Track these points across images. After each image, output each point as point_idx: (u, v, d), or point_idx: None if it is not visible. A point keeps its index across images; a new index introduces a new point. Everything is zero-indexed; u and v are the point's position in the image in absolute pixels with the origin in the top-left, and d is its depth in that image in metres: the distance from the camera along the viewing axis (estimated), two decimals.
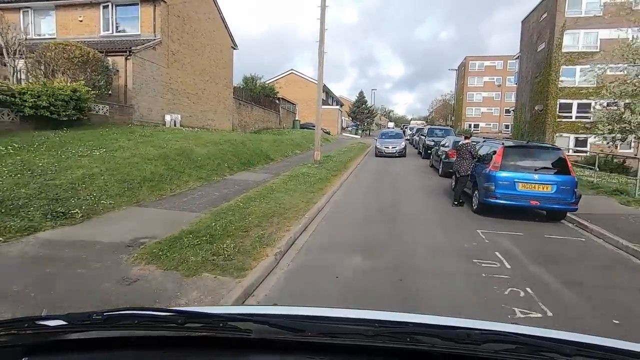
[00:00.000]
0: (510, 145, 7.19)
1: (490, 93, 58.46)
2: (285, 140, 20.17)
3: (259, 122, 25.79)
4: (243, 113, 23.17)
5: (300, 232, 6.11)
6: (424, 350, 0.89)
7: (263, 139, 17.43)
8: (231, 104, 20.99)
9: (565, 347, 0.87)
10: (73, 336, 0.96)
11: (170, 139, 10.78)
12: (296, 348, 0.94)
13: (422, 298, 3.86)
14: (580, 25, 27.05)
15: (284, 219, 6.46)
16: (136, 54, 12.99)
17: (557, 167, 6.70)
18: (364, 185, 11.14)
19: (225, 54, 19.95)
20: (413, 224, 6.80)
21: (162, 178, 8.20)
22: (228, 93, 20.60)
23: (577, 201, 6.61)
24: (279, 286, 4.10)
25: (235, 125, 21.71)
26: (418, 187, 10.99)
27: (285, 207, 7.29)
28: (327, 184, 10.43)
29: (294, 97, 37.43)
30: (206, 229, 5.45)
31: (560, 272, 4.57)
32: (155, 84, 14.21)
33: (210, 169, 10.21)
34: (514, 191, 6.71)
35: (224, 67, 19.83)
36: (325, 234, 6.15)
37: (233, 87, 22.12)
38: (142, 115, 13.58)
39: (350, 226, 6.66)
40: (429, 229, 6.55)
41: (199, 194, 8.02)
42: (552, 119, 27.88)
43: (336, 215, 7.43)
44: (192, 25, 16.46)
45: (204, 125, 17.96)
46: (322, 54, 13.47)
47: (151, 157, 8.75)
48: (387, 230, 6.36)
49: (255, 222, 6.08)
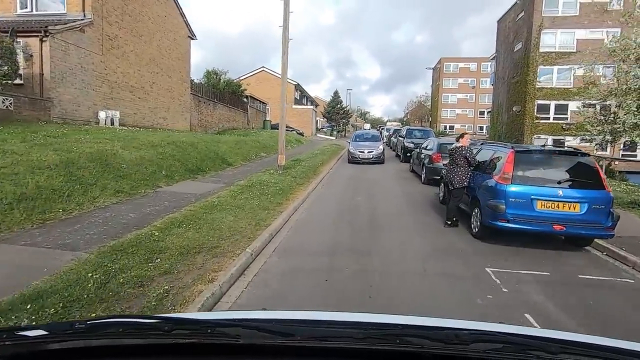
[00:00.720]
0: (523, 150, 5.44)
1: (465, 95, 58.48)
2: (249, 141, 18.00)
3: (224, 121, 23.43)
4: (204, 112, 20.77)
5: (234, 281, 4.10)
6: (414, 352, 0.90)
7: (222, 141, 15.20)
8: (188, 100, 18.59)
9: (551, 345, 0.88)
10: (55, 346, 0.91)
11: (88, 141, 8.44)
12: (286, 353, 0.94)
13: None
14: (557, 25, 26.48)
15: (213, 257, 4.43)
16: (55, 36, 10.50)
17: (586, 178, 5.03)
18: (334, 197, 9.23)
19: (180, 44, 17.55)
20: (398, 262, 4.92)
21: (55, 194, 5.93)
22: (184, 88, 18.20)
23: (614, 225, 4.95)
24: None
25: (194, 125, 19.31)
26: (400, 198, 9.19)
27: (222, 235, 5.24)
28: (290, 195, 8.44)
29: (266, 96, 35.17)
30: (69, 287, 3.34)
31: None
32: (85, 73, 11.72)
33: (139, 178, 7.98)
34: (531, 212, 4.97)
35: (178, 58, 17.43)
36: (272, 281, 4.16)
37: (192, 81, 19.72)
38: (66, 111, 11.08)
39: (311, 265, 4.70)
40: (421, 266, 4.68)
41: (106, 216, 5.82)
42: (530, 120, 27.16)
43: (294, 244, 5.46)
44: (136, 7, 14.04)
45: (154, 125, 15.52)
46: (286, 41, 11.48)
47: (46, 165, 6.44)
48: (361, 274, 4.44)
49: (164, 267, 4.01)
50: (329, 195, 9.45)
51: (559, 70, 26.65)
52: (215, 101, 22.24)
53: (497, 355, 0.88)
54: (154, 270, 3.90)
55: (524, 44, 27.84)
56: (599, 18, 25.46)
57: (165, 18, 16.17)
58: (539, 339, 0.97)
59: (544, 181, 5.06)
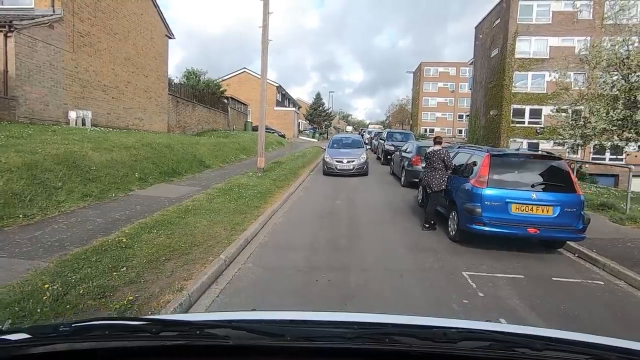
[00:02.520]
0: (498, 153, 5.50)
1: (445, 98, 59.64)
2: (229, 143, 17.69)
3: (203, 123, 22.96)
4: (182, 113, 20.29)
5: (206, 288, 3.93)
6: (403, 351, 0.90)
7: (201, 142, 14.86)
8: (166, 101, 18.11)
9: (536, 342, 0.90)
10: (38, 350, 0.89)
11: (56, 142, 8.03)
12: (276, 353, 0.93)
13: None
14: (532, 33, 27.36)
15: (183, 264, 4.24)
16: (21, 31, 9.98)
17: (559, 182, 5.11)
18: (315, 199, 9.13)
19: (157, 43, 17.09)
20: (374, 266, 4.86)
21: (16, 198, 5.58)
22: (162, 88, 17.72)
23: (585, 228, 5.05)
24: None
25: (172, 127, 18.83)
26: (379, 201, 9.18)
27: (195, 240, 5.05)
28: (269, 199, 8.28)
29: (247, 98, 34.78)
30: (25, 299, 3.09)
31: None
32: (54, 71, 11.20)
33: (110, 181, 7.65)
34: (506, 215, 5.01)
35: (155, 57, 16.96)
36: (245, 290, 4.00)
37: (170, 82, 19.23)
38: (33, 110, 10.54)
39: (286, 268, 4.57)
40: (397, 270, 4.63)
41: (71, 221, 5.51)
42: (506, 124, 27.91)
43: (271, 250, 5.31)
44: (110, 4, 13.55)
45: (129, 126, 15.02)
46: (266, 41, 11.33)
47: (6, 167, 6.05)
48: (339, 276, 4.35)
49: (130, 276, 3.79)
50: (309, 197, 9.34)
51: (533, 76, 27.52)
52: (195, 102, 21.77)
53: (484, 353, 0.89)
54: (118, 280, 3.69)
55: (500, 50, 28.63)
56: (570, 27, 26.48)
57: (142, 16, 15.70)
58: (525, 336, 0.99)
59: (519, 185, 5.13)
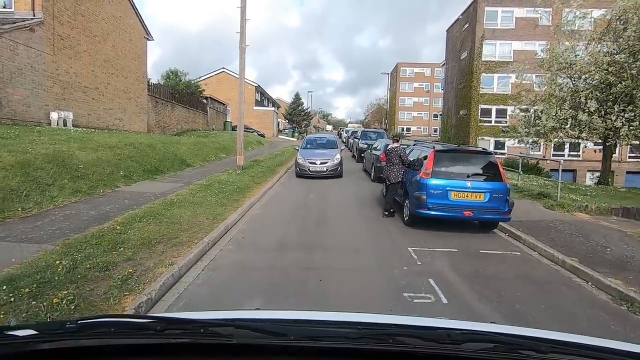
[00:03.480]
0: (442, 149, 6.51)
1: (420, 98, 61.56)
2: (209, 143, 18.23)
3: (183, 123, 23.31)
4: (162, 113, 20.62)
5: (193, 263, 4.68)
6: (407, 352, 0.90)
7: (181, 142, 15.38)
8: (145, 101, 18.44)
9: (541, 345, 0.90)
10: (44, 346, 0.90)
11: (44, 142, 8.50)
12: (280, 352, 0.93)
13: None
14: (497, 37, 29.04)
15: (172, 246, 4.97)
16: (3, 35, 10.29)
17: (489, 172, 6.14)
18: (290, 193, 9.94)
19: (136, 44, 17.41)
20: (338, 246, 5.73)
21: (13, 194, 6.12)
22: (141, 89, 18.05)
23: (510, 210, 6.10)
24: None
25: (151, 127, 19.16)
26: (349, 194, 10.09)
27: (181, 227, 5.77)
28: (247, 193, 9.03)
29: (226, 97, 35.09)
30: (40, 272, 3.76)
31: (501, 304, 3.80)
32: (35, 73, 11.51)
33: (97, 179, 8.20)
34: (446, 201, 6.00)
35: (134, 59, 17.29)
36: (226, 266, 4.78)
37: (149, 82, 19.54)
38: (15, 111, 10.85)
39: (262, 250, 5.38)
40: (357, 248, 5.52)
41: (67, 213, 6.11)
42: (475, 123, 29.54)
43: (250, 234, 6.09)
44: (89, 7, 13.87)
45: (109, 126, 15.34)
46: (243, 47, 12.03)
47: (1, 166, 6.56)
48: (306, 258, 5.19)
49: (127, 255, 4.50)
50: (285, 192, 10.14)
51: (499, 78, 29.21)
52: (174, 102, 22.11)
53: (488, 355, 0.88)
54: (117, 257, 4.39)
55: (469, 52, 30.21)
56: (532, 32, 28.27)
57: (120, 18, 16.03)
58: (530, 338, 0.99)
59: (457, 175, 6.12)
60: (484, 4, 28.95)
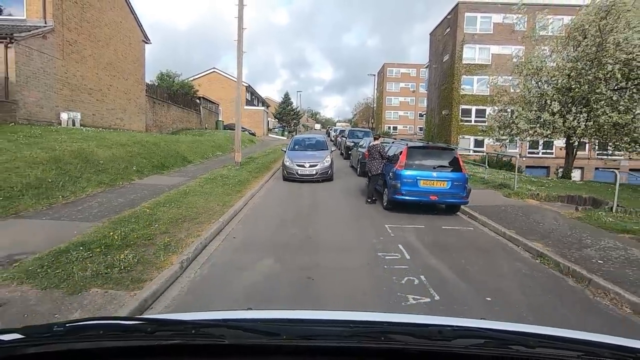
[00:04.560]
0: (413, 145, 7.87)
1: (406, 98, 63.32)
2: (205, 141, 19.29)
3: (178, 122, 24.24)
4: (158, 112, 21.55)
5: (213, 237, 5.89)
6: (399, 349, 0.91)
7: (180, 140, 16.43)
8: (144, 102, 19.37)
9: (529, 339, 0.93)
10: (31, 350, 0.89)
11: (66, 140, 9.53)
12: (272, 352, 0.93)
13: (332, 299, 3.97)
14: (477, 41, 30.74)
15: (195, 224, 6.16)
16: (20, 42, 11.21)
17: (451, 165, 7.52)
18: (283, 186, 11.16)
19: (135, 48, 18.33)
20: (328, 224, 7.01)
21: (52, 184, 7.21)
22: (140, 90, 18.97)
23: (467, 195, 7.49)
24: (182, 298, 3.84)
25: (149, 126, 20.08)
26: (337, 186, 11.38)
27: (198, 211, 6.96)
28: (248, 186, 10.24)
29: (217, 97, 36.00)
30: (101, 239, 4.92)
31: (451, 260, 5.13)
32: (47, 77, 12.44)
33: (115, 173, 9.29)
34: (416, 188, 7.35)
35: (133, 61, 18.21)
36: (237, 238, 6.01)
37: (146, 84, 20.44)
38: (30, 112, 11.77)
39: (265, 227, 6.62)
40: (343, 226, 6.81)
41: (99, 201, 7.23)
42: (456, 122, 31.22)
43: (253, 217, 7.32)
44: (94, 14, 14.79)
45: (112, 126, 16.27)
46: (240, 53, 13.18)
47: (38, 160, 7.63)
48: (301, 233, 6.46)
49: (162, 229, 5.69)
50: (280, 185, 11.36)
51: (478, 80, 30.91)
52: (170, 102, 23.03)
53: (479, 350, 0.91)
54: (155, 231, 5.58)
55: (450, 55, 31.85)
56: (509, 37, 30.03)
57: (121, 23, 16.94)
58: (519, 333, 1.03)
59: (425, 167, 7.47)
60: (464, 10, 30.61)
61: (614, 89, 14.56)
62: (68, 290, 3.57)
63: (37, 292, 3.51)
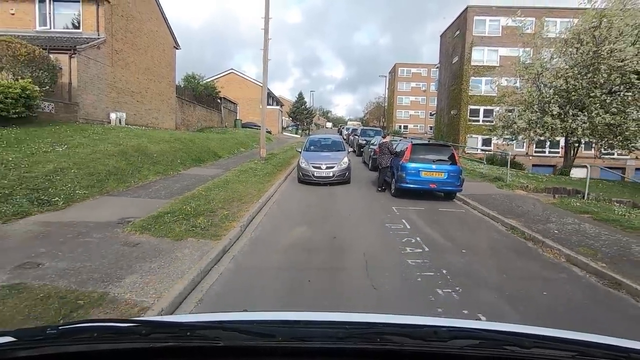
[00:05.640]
0: (417, 143, 9.43)
1: (417, 97, 64.32)
2: (230, 138, 21.11)
3: (202, 121, 26.17)
4: (186, 112, 23.48)
5: (256, 213, 7.58)
6: (394, 350, 0.92)
7: (210, 138, 18.26)
8: (174, 102, 21.29)
9: (524, 340, 0.94)
10: (22, 353, 0.89)
11: (124, 137, 11.37)
12: (268, 354, 0.94)
13: (351, 249, 5.61)
14: (485, 43, 31.86)
15: (242, 203, 7.86)
16: (81, 53, 13.12)
17: (448, 159, 9.05)
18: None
19: (167, 54, 20.24)
20: (346, 206, 8.64)
21: (125, 172, 9.02)
22: (171, 92, 20.89)
23: (461, 184, 9.02)
24: (246, 249, 5.52)
25: (178, 124, 22.00)
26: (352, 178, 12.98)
27: (241, 195, 8.66)
28: (274, 177, 11.93)
29: (234, 97, 37.91)
30: (179, 210, 6.65)
31: (442, 230, 6.70)
32: (100, 82, 14.36)
33: (166, 164, 11.09)
34: (419, 177, 8.91)
35: (166, 66, 20.11)
36: (277, 214, 7.69)
37: (176, 86, 22.36)
38: (87, 113, 13.70)
39: (295, 208, 8.29)
40: (358, 207, 8.44)
41: (161, 185, 9.01)
42: (464, 122, 32.43)
43: (284, 200, 8.99)
44: (136, 25, 16.69)
45: (148, 124, 18.20)
46: (266, 61, 14.87)
47: (111, 153, 9.46)
48: (324, 212, 8.11)
49: (219, 206, 7.40)
50: None
51: (486, 81, 32.02)
52: (195, 102, 24.96)
53: (474, 351, 0.91)
54: (215, 207, 7.29)
55: (460, 57, 33.02)
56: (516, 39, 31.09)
57: (157, 32, 18.84)
58: (514, 334, 1.03)
59: (426, 160, 9.01)
60: (473, 14, 31.75)
61: (607, 93, 15.77)
62: (174, 238, 5.29)
63: (155, 238, 5.24)
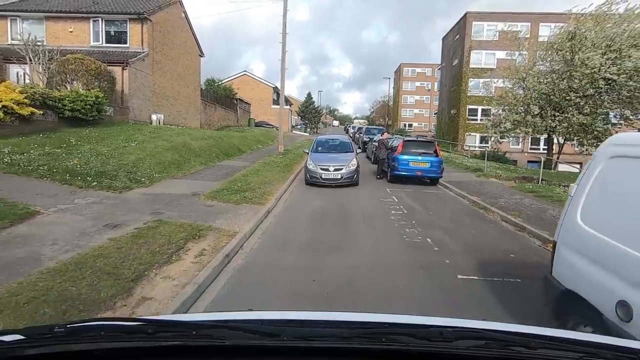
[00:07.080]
0: (407, 139, 11.92)
1: (422, 97, 66.38)
2: (248, 136, 23.73)
3: (221, 120, 28.86)
4: (208, 112, 26.16)
5: (284, 192, 10.14)
6: (400, 350, 0.92)
7: (232, 136, 20.89)
8: (199, 104, 23.98)
9: (531, 341, 0.94)
10: (31, 352, 0.90)
11: (171, 135, 14.02)
12: (273, 353, 0.95)
13: (352, 213, 8.14)
14: (483, 47, 34.03)
15: (272, 185, 10.42)
16: (131, 65, 15.79)
17: (431, 152, 11.52)
18: None
19: (194, 61, 22.90)
20: (350, 191, 11.18)
21: (179, 162, 11.65)
22: (196, 95, 23.57)
23: (441, 172, 11.49)
24: (281, 211, 8.08)
25: (202, 124, 24.70)
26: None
27: (270, 180, 11.22)
28: (292, 168, 14.49)
29: (247, 97, 40.61)
30: (230, 188, 9.23)
31: (421, 203, 9.19)
32: (144, 89, 17.03)
33: (206, 157, 13.72)
34: (408, 167, 11.40)
35: (193, 72, 22.79)
36: (298, 192, 10.25)
37: (200, 89, 25.05)
38: (135, 115, 16.39)
39: (312, 189, 10.84)
40: (361, 189, 10.96)
41: (208, 173, 11.62)
42: (463, 121, 34.69)
43: (302, 184, 11.56)
44: (170, 38, 19.35)
45: (179, 124, 20.89)
46: (283, 69, 17.42)
47: (166, 148, 12.10)
48: (334, 192, 10.65)
49: (257, 186, 9.97)
50: None
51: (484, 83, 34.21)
52: (216, 104, 27.65)
53: (480, 352, 0.92)
54: (254, 187, 9.84)
55: (459, 60, 35.24)
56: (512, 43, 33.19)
57: (186, 43, 21.51)
58: (520, 334, 1.03)
59: (414, 153, 11.46)
60: (472, 19, 33.94)
61: (581, 96, 18.00)
62: (235, 203, 7.87)
63: (222, 203, 7.83)
